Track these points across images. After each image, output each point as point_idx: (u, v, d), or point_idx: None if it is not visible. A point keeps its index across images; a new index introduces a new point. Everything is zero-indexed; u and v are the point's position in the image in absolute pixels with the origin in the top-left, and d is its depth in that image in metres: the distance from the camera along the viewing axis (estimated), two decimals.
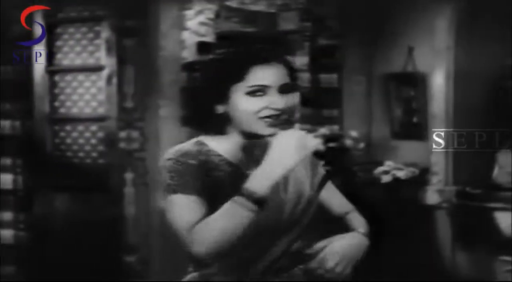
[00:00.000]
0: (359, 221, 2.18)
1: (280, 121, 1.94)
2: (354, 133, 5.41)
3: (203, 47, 4.92)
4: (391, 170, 5.16)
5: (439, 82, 5.18)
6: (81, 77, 5.10)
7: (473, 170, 5.06)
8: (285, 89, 1.95)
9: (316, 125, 5.38)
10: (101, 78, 5.01)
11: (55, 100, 5.15)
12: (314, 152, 1.89)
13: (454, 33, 5.11)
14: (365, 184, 5.22)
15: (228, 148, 2.01)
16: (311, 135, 1.86)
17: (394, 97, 5.52)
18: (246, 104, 1.93)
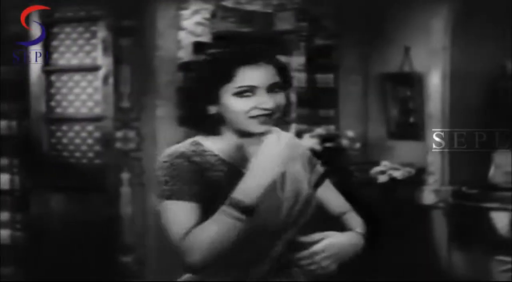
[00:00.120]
0: (356, 221, 2.19)
1: (271, 120, 1.94)
2: (350, 133, 5.41)
3: (200, 47, 4.92)
4: (388, 170, 5.17)
5: (436, 82, 5.18)
6: (77, 77, 5.09)
7: (469, 170, 5.06)
8: (274, 89, 1.95)
9: (312, 125, 5.39)
10: (97, 78, 5.01)
11: (52, 100, 5.15)
12: (311, 151, 1.89)
13: (450, 33, 5.11)
14: (361, 184, 5.22)
15: (223, 147, 2.01)
16: (300, 138, 1.86)
17: (391, 97, 5.52)
18: (236, 104, 1.93)
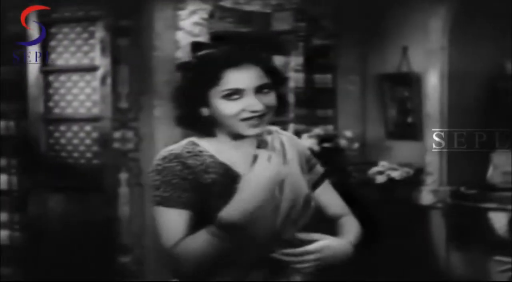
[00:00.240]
0: (351, 228, 2.16)
1: (262, 122, 1.95)
2: (348, 134, 5.41)
3: (197, 47, 4.90)
4: (386, 170, 5.17)
5: (434, 82, 5.19)
6: (75, 78, 5.08)
7: (467, 170, 5.07)
8: (262, 90, 1.94)
9: (310, 126, 5.40)
10: (95, 78, 5.00)
11: (50, 100, 5.14)
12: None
13: (448, 33, 5.12)
14: (359, 184, 5.22)
15: (219, 147, 2.01)
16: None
17: (389, 98, 5.52)
18: (225, 107, 1.93)
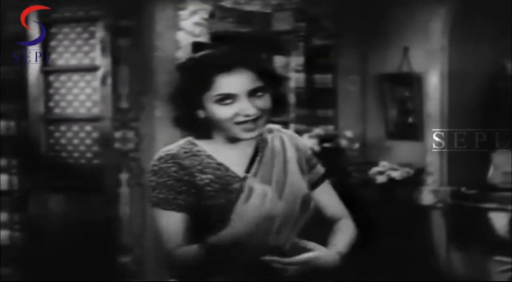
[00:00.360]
0: (345, 234, 2.11)
1: (257, 125, 1.93)
2: (349, 134, 5.41)
3: (198, 48, 4.91)
4: (386, 170, 5.17)
5: (434, 83, 5.19)
6: (75, 78, 5.08)
7: (468, 170, 5.06)
8: (255, 94, 1.92)
9: (311, 126, 5.40)
10: (96, 79, 5.00)
11: (50, 100, 5.14)
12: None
13: (448, 34, 5.12)
14: (360, 184, 5.22)
15: (216, 147, 2.01)
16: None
17: (389, 98, 5.52)
18: (218, 112, 1.92)
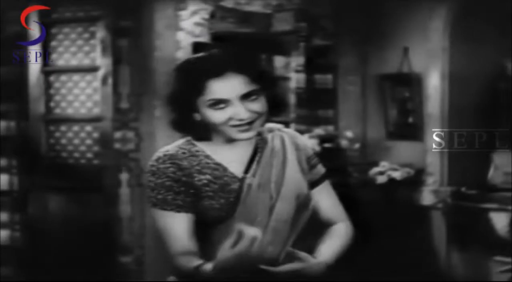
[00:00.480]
0: (336, 240, 2.06)
1: (253, 127, 1.92)
2: (349, 134, 5.42)
3: (199, 48, 4.91)
4: (387, 170, 5.17)
5: (434, 83, 5.19)
6: (76, 78, 5.08)
7: (468, 170, 5.06)
8: (248, 98, 1.91)
9: (311, 126, 5.40)
10: (96, 79, 5.00)
11: (50, 100, 5.14)
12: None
13: (449, 34, 5.12)
14: (360, 185, 5.22)
15: (215, 148, 2.01)
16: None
17: (389, 98, 5.52)
18: (211, 116, 1.92)
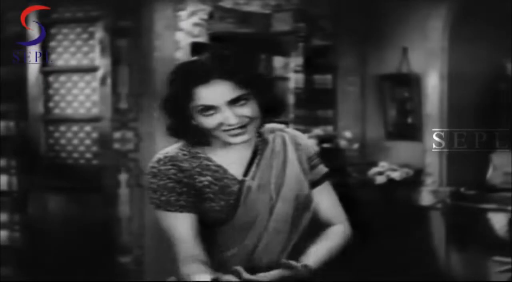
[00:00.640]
0: (326, 245, 2.04)
1: (246, 130, 1.91)
2: (348, 134, 5.42)
3: (197, 48, 4.90)
4: (385, 170, 5.17)
5: (433, 83, 5.19)
6: (75, 78, 5.08)
7: (467, 170, 5.07)
8: (237, 103, 1.89)
9: (310, 126, 5.40)
10: (95, 79, 5.00)
11: (49, 101, 5.14)
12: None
13: (448, 34, 5.12)
14: (359, 185, 5.23)
15: (215, 150, 2.00)
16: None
17: (389, 98, 5.53)
18: (203, 121, 1.91)
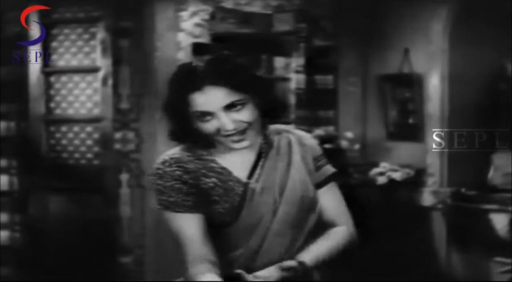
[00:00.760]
0: (324, 244, 2.03)
1: (245, 134, 1.91)
2: (349, 135, 5.42)
3: (199, 49, 4.91)
4: (387, 171, 5.17)
5: (435, 84, 5.19)
6: (76, 78, 5.08)
7: (468, 171, 5.06)
8: (233, 108, 1.88)
9: (311, 127, 5.39)
10: (96, 79, 5.00)
11: (51, 101, 5.14)
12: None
13: (449, 35, 5.12)
14: (360, 185, 5.22)
15: (219, 152, 2.00)
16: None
17: (390, 99, 5.53)
18: (202, 127, 1.91)
